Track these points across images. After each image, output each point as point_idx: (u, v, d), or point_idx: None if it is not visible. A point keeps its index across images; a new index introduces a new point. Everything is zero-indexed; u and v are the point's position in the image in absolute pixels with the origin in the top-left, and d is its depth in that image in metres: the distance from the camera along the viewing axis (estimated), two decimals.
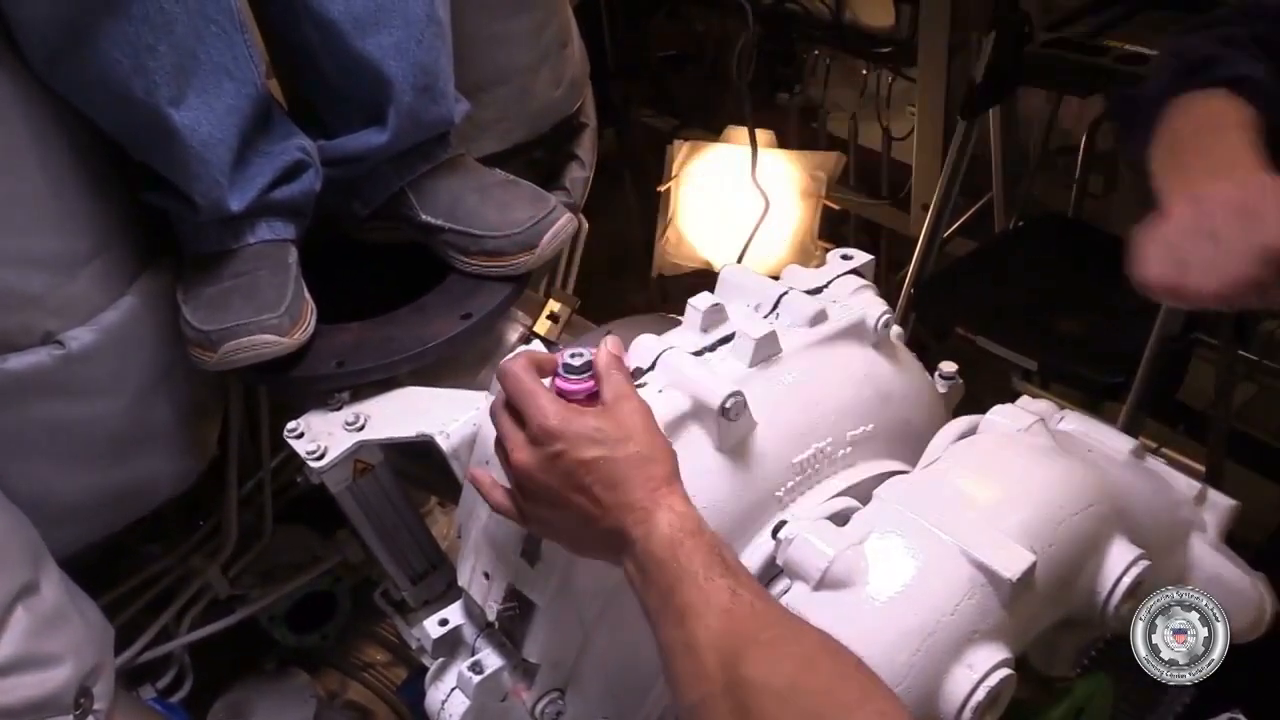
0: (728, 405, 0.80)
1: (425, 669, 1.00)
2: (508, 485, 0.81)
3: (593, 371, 0.79)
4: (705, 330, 0.91)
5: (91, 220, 1.06)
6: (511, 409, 0.78)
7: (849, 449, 0.89)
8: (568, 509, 0.75)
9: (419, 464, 1.12)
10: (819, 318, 0.91)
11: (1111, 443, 0.94)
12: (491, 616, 0.90)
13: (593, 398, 0.79)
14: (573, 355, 0.80)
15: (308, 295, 1.13)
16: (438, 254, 1.22)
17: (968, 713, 0.70)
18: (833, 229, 2.80)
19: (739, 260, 2.54)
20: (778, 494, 0.85)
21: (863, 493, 0.85)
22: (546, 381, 0.80)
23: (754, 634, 0.66)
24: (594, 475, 0.73)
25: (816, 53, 2.73)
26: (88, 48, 0.95)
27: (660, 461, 0.74)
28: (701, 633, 0.67)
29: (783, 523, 0.84)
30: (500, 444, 0.80)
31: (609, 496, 0.73)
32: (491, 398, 0.84)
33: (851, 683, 0.64)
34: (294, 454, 1.06)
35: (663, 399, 0.83)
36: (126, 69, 0.96)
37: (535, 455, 0.75)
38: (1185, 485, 0.96)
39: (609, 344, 0.81)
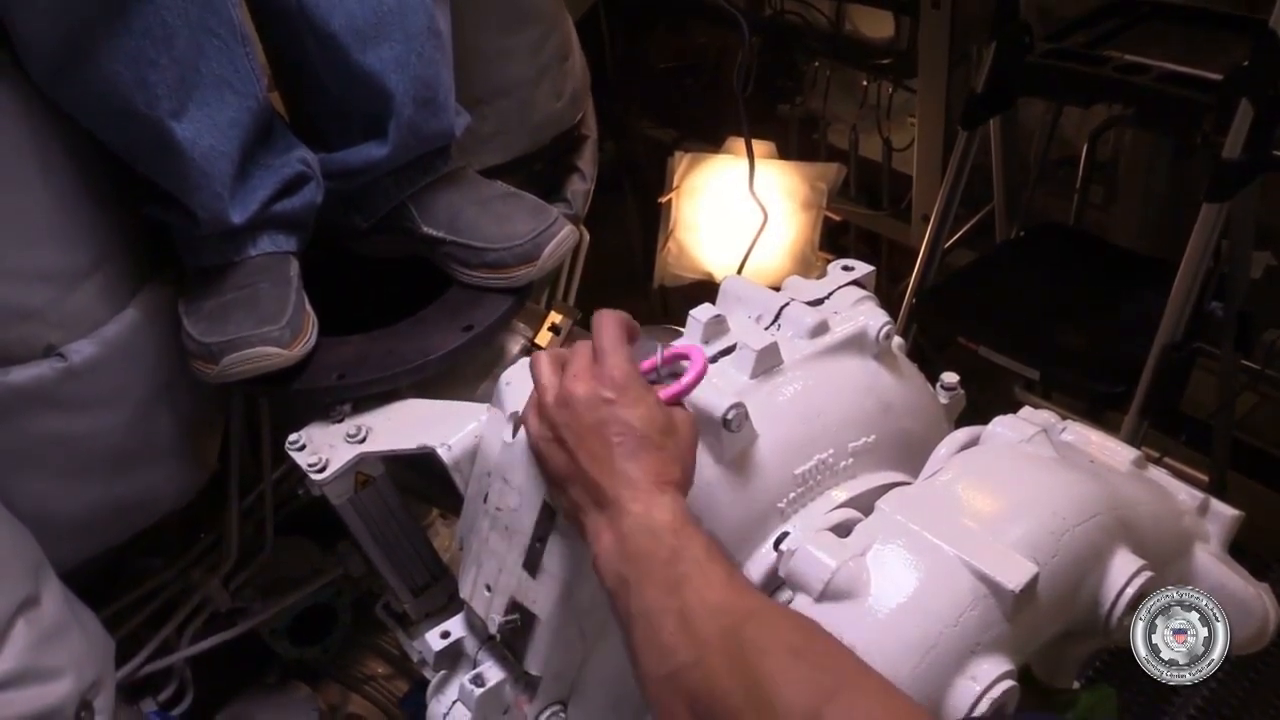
0: (729, 416, 0.80)
1: (427, 682, 1.00)
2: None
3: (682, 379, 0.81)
4: (706, 342, 0.91)
5: (93, 233, 1.06)
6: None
7: (851, 460, 0.89)
8: (582, 448, 0.77)
9: (421, 476, 1.12)
10: (820, 329, 0.91)
11: (1114, 453, 0.94)
12: (493, 629, 0.90)
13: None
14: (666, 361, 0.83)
15: (309, 308, 1.13)
16: (439, 266, 1.22)
17: None
18: (833, 240, 2.80)
19: (740, 271, 2.54)
20: (780, 505, 0.85)
21: (865, 504, 0.85)
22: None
23: (754, 610, 0.68)
24: (622, 439, 0.75)
25: (817, 64, 2.74)
26: (89, 61, 0.95)
27: (682, 470, 0.76)
28: (700, 602, 0.68)
29: (785, 534, 0.84)
30: (538, 374, 0.81)
31: (622, 465, 0.75)
32: (494, 410, 0.83)
33: (851, 657, 0.66)
34: (295, 466, 1.06)
35: None
36: (128, 82, 0.97)
37: (589, 390, 0.77)
38: (1188, 496, 0.96)
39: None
